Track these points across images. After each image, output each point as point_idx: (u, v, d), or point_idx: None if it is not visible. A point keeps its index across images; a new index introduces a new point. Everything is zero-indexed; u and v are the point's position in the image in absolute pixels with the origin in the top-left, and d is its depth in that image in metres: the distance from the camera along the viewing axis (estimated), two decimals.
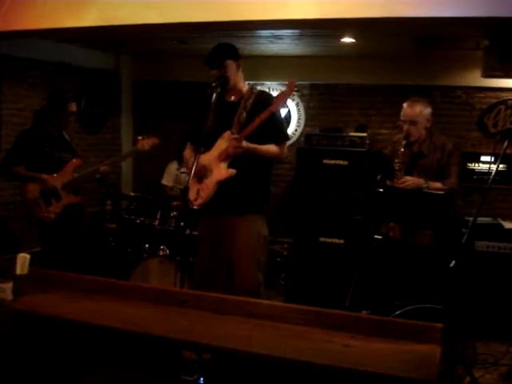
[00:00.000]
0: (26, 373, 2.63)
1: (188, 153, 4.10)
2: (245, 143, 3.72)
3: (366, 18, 3.52)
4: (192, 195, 3.86)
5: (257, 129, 3.72)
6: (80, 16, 4.11)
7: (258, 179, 3.93)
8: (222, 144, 3.81)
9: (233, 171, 3.77)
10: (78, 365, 2.64)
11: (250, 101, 3.87)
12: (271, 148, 3.85)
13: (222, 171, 3.79)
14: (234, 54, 3.88)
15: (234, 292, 3.89)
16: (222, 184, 3.81)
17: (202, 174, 3.85)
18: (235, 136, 3.74)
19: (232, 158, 3.78)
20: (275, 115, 3.83)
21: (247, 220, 3.88)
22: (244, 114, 3.84)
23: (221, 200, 3.83)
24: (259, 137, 3.76)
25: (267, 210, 4.03)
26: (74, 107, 4.92)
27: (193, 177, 3.69)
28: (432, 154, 4.37)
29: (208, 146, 3.85)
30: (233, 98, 3.94)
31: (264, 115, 3.70)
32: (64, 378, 2.64)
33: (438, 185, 4.27)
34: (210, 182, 3.83)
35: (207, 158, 3.84)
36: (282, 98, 3.81)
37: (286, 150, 4.01)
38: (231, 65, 3.83)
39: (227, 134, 3.80)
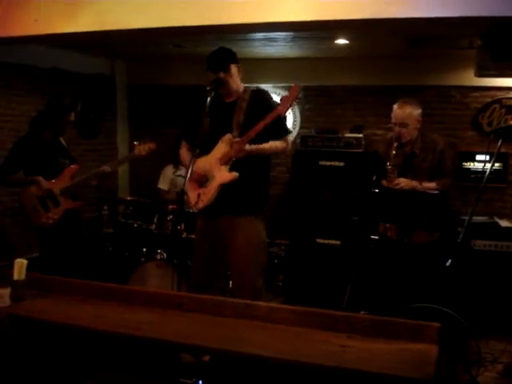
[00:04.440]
0: (24, 378, 2.63)
1: (184, 152, 4.05)
2: (247, 146, 3.66)
3: (359, 20, 3.54)
4: (192, 199, 3.83)
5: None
6: (75, 21, 4.13)
7: (256, 180, 3.88)
8: (222, 147, 3.74)
9: (236, 174, 3.69)
10: (76, 369, 2.64)
11: (246, 101, 3.82)
12: (275, 144, 3.80)
13: (224, 174, 3.72)
14: (235, 57, 3.87)
15: (232, 295, 3.87)
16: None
17: (202, 179, 3.80)
18: (237, 140, 3.68)
19: (234, 161, 3.73)
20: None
21: (246, 221, 3.83)
22: (242, 116, 3.78)
23: (220, 201, 3.77)
24: (261, 136, 3.68)
25: (266, 213, 4.00)
26: (72, 117, 4.92)
27: (190, 180, 3.65)
28: (424, 155, 4.38)
29: (206, 149, 3.77)
30: (230, 99, 3.88)
31: (268, 119, 3.62)
32: (62, 383, 2.64)
33: (432, 185, 4.29)
34: (213, 186, 3.75)
35: (207, 161, 3.77)
36: (286, 103, 3.68)
37: (290, 141, 3.98)
38: (234, 68, 3.83)
39: (228, 137, 3.73)
